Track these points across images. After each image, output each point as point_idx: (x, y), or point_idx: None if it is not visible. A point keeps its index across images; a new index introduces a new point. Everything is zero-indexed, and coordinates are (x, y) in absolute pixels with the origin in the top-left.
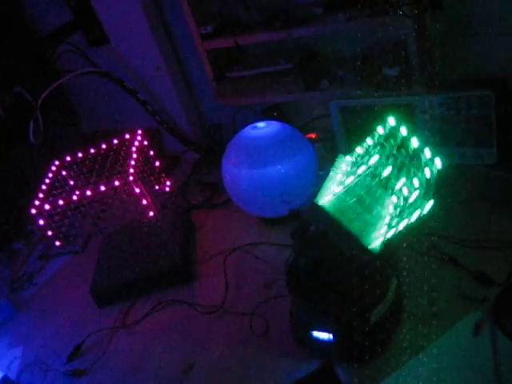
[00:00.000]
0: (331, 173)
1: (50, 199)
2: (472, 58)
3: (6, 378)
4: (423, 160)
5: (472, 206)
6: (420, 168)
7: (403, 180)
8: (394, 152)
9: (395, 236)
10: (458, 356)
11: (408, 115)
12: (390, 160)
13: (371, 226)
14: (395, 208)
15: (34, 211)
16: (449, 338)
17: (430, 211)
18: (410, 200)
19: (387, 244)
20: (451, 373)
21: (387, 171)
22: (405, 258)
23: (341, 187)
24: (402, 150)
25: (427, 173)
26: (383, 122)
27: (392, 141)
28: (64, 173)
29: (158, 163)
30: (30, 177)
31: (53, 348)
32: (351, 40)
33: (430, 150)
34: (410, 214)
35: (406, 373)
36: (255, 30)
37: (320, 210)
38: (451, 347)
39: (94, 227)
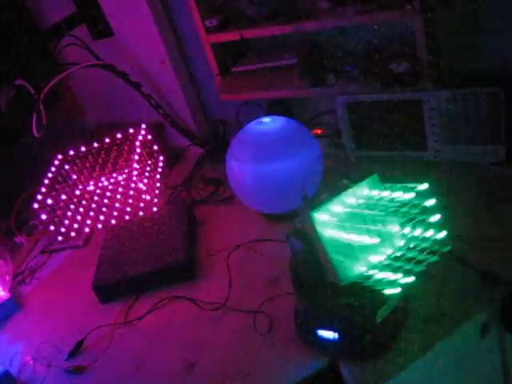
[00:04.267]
0: (351, 188)
1: (53, 194)
2: (481, 54)
3: (7, 373)
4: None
5: (479, 204)
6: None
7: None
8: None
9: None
10: (464, 357)
11: (415, 111)
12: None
13: (354, 258)
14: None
15: (36, 206)
16: (455, 338)
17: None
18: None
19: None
20: (457, 374)
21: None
22: None
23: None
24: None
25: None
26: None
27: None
28: (67, 167)
29: (161, 158)
30: (33, 171)
31: (54, 344)
32: (358, 35)
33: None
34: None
35: (412, 373)
36: (261, 23)
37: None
38: (457, 348)
39: (96, 222)
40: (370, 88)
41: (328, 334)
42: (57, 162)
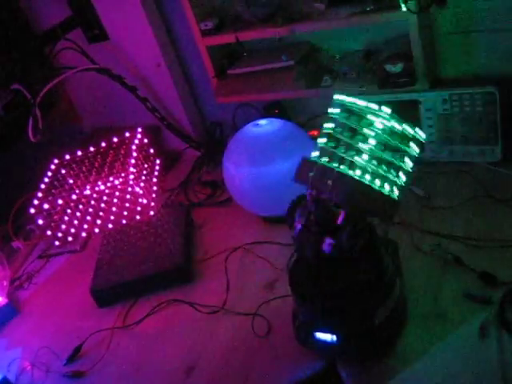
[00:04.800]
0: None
1: (49, 198)
2: (476, 55)
3: (5, 379)
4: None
5: (476, 205)
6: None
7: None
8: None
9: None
10: (463, 358)
11: (411, 112)
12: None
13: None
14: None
15: (32, 210)
16: (454, 339)
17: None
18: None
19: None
20: (456, 375)
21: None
22: (408, 258)
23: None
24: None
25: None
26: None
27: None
28: (63, 171)
29: (158, 161)
30: (29, 175)
31: (52, 349)
32: (354, 36)
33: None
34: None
35: (410, 375)
36: (256, 25)
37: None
38: (456, 349)
39: (93, 226)
40: (367, 89)
41: (326, 337)
42: (53, 167)
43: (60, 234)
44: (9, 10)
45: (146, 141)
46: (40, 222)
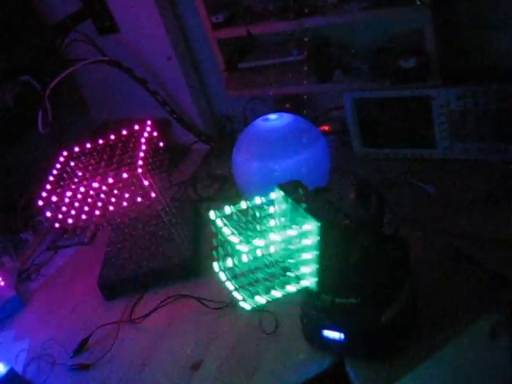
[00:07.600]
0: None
1: (58, 190)
2: (491, 50)
3: (12, 370)
4: None
5: (490, 203)
6: None
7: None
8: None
9: None
10: (473, 359)
11: (424, 108)
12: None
13: None
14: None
15: (41, 203)
16: (464, 339)
17: None
18: None
19: None
20: (466, 376)
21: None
22: (419, 256)
23: None
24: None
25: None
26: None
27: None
28: (72, 164)
29: (167, 155)
30: (38, 167)
31: (59, 341)
32: (366, 30)
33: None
34: None
35: (419, 375)
36: (268, 19)
37: None
38: (466, 349)
39: (101, 219)
40: (379, 84)
41: (334, 335)
42: (62, 159)
43: (68, 227)
44: (19, 1)
45: (155, 134)
46: (48, 214)
